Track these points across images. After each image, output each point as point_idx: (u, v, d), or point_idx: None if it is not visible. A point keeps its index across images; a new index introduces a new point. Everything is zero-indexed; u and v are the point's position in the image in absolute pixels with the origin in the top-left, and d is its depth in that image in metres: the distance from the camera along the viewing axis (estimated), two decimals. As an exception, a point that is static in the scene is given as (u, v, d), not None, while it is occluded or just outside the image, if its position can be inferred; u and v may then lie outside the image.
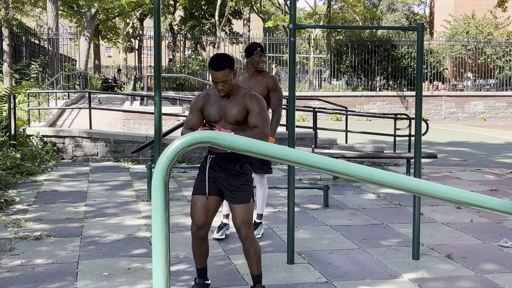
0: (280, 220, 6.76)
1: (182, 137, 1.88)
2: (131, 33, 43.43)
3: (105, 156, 11.59)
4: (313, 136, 12.37)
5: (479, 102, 27.87)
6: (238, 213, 4.12)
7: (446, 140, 17.22)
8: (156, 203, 1.86)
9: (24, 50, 23.51)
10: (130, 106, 15.62)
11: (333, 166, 2.02)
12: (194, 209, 4.20)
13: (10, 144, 10.18)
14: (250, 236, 4.08)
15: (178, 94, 23.67)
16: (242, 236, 4.08)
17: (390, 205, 7.71)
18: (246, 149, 1.95)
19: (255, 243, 4.13)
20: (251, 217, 4.14)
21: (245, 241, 4.09)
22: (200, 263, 4.32)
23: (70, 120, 15.07)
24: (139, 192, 8.38)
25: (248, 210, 4.12)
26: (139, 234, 6.08)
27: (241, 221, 4.08)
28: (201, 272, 4.34)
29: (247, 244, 4.10)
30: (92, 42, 31.11)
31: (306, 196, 8.25)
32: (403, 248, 5.70)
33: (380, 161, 11.53)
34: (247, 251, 4.13)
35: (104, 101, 21.23)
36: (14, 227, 6.28)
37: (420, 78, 5.37)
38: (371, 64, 28.59)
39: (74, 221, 6.62)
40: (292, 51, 5.14)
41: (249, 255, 4.14)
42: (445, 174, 10.42)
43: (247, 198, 4.15)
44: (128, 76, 38.45)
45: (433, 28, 44.49)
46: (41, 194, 8.16)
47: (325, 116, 24.86)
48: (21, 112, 12.77)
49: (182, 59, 28.49)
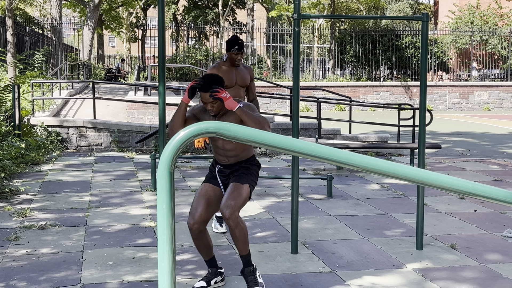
0: (284, 210, 6.78)
1: (187, 128, 1.89)
2: (134, 23, 43.37)
3: (109, 146, 11.61)
4: (317, 127, 12.36)
5: (483, 92, 27.79)
6: (226, 193, 4.14)
7: (450, 130, 17.20)
8: (161, 193, 1.87)
9: (28, 40, 23.51)
10: (134, 96, 15.63)
11: (337, 156, 2.02)
12: (195, 203, 4.23)
13: (15, 134, 10.20)
14: (232, 217, 4.05)
15: (182, 84, 23.66)
16: (225, 217, 4.06)
17: (394, 195, 7.72)
18: (252, 139, 1.95)
19: (240, 225, 4.11)
20: (239, 201, 4.11)
21: (229, 222, 4.07)
22: (207, 255, 4.32)
23: (74, 110, 15.09)
24: (143, 182, 8.41)
25: (238, 192, 4.12)
26: (144, 224, 6.10)
27: (224, 203, 4.09)
28: (210, 262, 4.35)
29: (231, 225, 4.08)
30: (95, 32, 31.07)
31: (309, 186, 8.26)
32: (407, 238, 5.71)
33: (384, 152, 11.53)
34: (232, 232, 4.12)
35: (107, 91, 21.24)
36: (19, 216, 6.31)
37: (425, 68, 5.35)
38: (375, 54, 28.52)
39: (78, 210, 6.65)
40: (296, 41, 5.13)
41: (235, 236, 4.14)
42: (449, 165, 10.42)
43: (241, 180, 4.18)
44: (131, 66, 38.43)
45: (437, 18, 44.30)
46: (45, 184, 8.19)
47: (328, 107, 24.83)
48: (25, 102, 12.79)
49: (186, 49, 28.45)
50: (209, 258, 4.34)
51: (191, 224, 4.17)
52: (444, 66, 29.94)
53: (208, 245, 4.28)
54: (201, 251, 4.29)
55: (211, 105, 4.03)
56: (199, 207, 4.20)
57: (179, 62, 26.32)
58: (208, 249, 4.29)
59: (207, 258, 4.34)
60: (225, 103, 3.97)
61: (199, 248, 4.28)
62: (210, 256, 4.34)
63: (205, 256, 4.33)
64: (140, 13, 44.88)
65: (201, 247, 4.26)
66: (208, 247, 4.29)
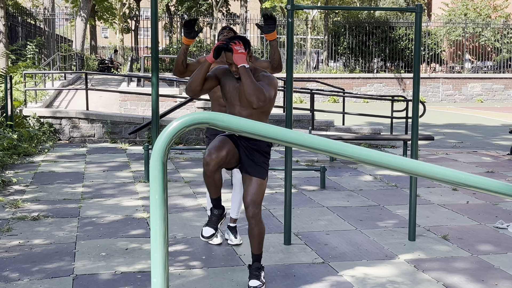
0: (277, 201, 6.78)
1: (180, 118, 1.89)
2: (127, 13, 43.16)
3: (102, 137, 11.58)
4: (310, 118, 12.37)
5: (476, 84, 27.85)
6: (250, 190, 4.11)
7: (443, 122, 17.24)
8: (154, 183, 1.87)
9: (20, 31, 23.36)
10: (127, 87, 15.58)
11: (330, 147, 2.02)
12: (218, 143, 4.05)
13: (7, 125, 10.16)
14: (256, 217, 4.10)
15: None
16: (249, 214, 4.08)
17: (387, 187, 7.74)
18: (245, 130, 1.95)
19: (260, 224, 4.15)
20: (261, 198, 4.14)
21: (251, 220, 4.10)
22: (215, 193, 4.23)
23: (66, 101, 15.03)
24: (136, 173, 8.40)
25: (260, 189, 4.12)
26: (137, 215, 6.10)
27: (250, 200, 4.08)
28: (216, 201, 4.29)
29: (252, 223, 4.11)
30: (88, 23, 30.91)
31: (303, 177, 8.27)
32: (399, 229, 5.73)
33: (377, 143, 11.55)
34: (251, 230, 4.15)
35: (100, 82, 21.16)
36: (11, 207, 6.29)
37: (418, 60, 5.35)
38: (368, 46, 28.50)
39: (71, 202, 6.64)
40: (290, 32, 5.12)
41: (253, 234, 4.17)
42: (442, 156, 10.45)
43: (263, 175, 4.15)
44: (124, 57, 38.27)
45: (431, 10, 44.29)
46: (38, 175, 8.17)
47: (322, 98, 24.83)
48: (18, 92, 12.72)
49: (179, 39, 28.35)
50: (216, 196, 4.28)
51: (207, 160, 3.98)
52: (437, 58, 29.97)
53: (219, 183, 4.17)
54: (210, 189, 4.18)
55: (236, 67, 3.98)
56: (222, 150, 4.00)
57: (172, 53, 26.24)
58: (217, 188, 4.20)
59: (215, 196, 4.26)
60: (234, 55, 3.89)
61: (209, 186, 4.17)
62: (218, 195, 4.28)
63: (213, 194, 4.23)
64: (133, 3, 44.67)
65: (211, 185, 4.14)
66: (218, 186, 4.19)
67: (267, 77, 4.10)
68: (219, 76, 4.16)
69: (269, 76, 4.13)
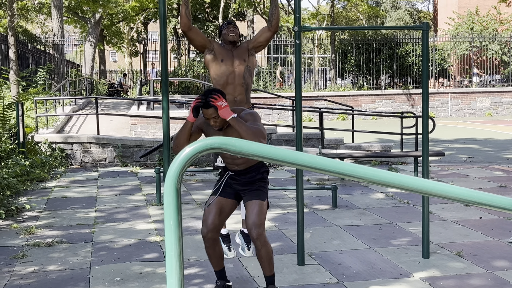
0: (290, 221, 6.78)
1: (192, 144, 1.92)
2: (135, 37, 43.55)
3: (114, 161, 11.64)
4: (320, 137, 12.39)
5: (485, 98, 27.79)
6: (250, 212, 4.14)
7: (453, 137, 17.20)
8: (168, 209, 1.89)
9: (30, 57, 23.62)
10: (137, 110, 15.67)
11: (341, 169, 2.04)
12: (207, 212, 4.24)
13: (19, 151, 10.24)
14: (260, 238, 4.10)
15: (184, 97, 23.73)
16: (253, 236, 4.10)
17: (399, 204, 7.72)
18: (257, 154, 1.98)
19: (267, 245, 4.15)
20: (263, 219, 4.15)
21: (257, 242, 4.11)
22: (217, 265, 4.33)
23: (77, 126, 15.13)
24: (148, 197, 8.43)
25: (261, 210, 4.14)
26: (150, 239, 6.11)
27: (252, 222, 4.10)
28: (220, 274, 4.36)
29: (258, 245, 4.12)
30: (97, 48, 31.22)
31: (314, 196, 8.27)
32: (413, 247, 5.71)
33: (387, 160, 11.53)
34: (258, 252, 4.16)
35: (110, 106, 21.31)
36: (25, 234, 6.33)
37: (427, 77, 5.38)
38: (376, 63, 28.56)
39: (85, 227, 6.67)
40: (298, 53, 5.17)
41: (260, 256, 4.17)
42: (453, 172, 10.42)
43: (262, 196, 4.18)
44: (133, 80, 38.56)
45: (437, 26, 44.41)
46: (51, 200, 8.22)
47: (331, 116, 24.84)
48: (29, 119, 12.84)
49: (187, 62, 28.54)
50: (219, 269, 4.35)
51: (204, 232, 4.19)
52: (445, 73, 29.96)
53: (220, 255, 4.30)
54: (212, 261, 4.29)
55: (214, 120, 3.99)
56: (210, 215, 4.21)
57: (181, 75, 26.40)
58: (219, 259, 4.30)
59: (218, 269, 4.34)
60: (219, 111, 3.91)
61: (210, 257, 4.28)
62: (221, 267, 4.35)
63: (216, 266, 4.33)
64: (141, 27, 45.09)
65: (212, 256, 4.27)
66: (220, 257, 4.30)
67: (249, 114, 4.12)
68: (200, 127, 4.20)
69: (251, 112, 4.15)
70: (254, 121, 4.08)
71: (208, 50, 5.54)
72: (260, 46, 5.61)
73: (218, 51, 5.48)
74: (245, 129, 3.90)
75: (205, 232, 4.20)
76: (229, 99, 5.65)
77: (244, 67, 5.55)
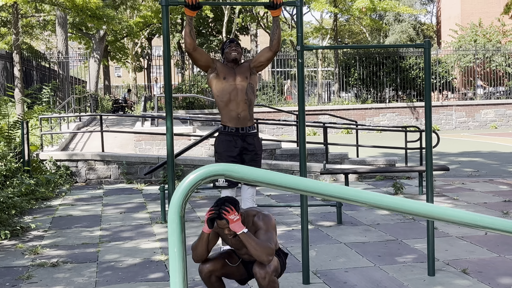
0: (295, 238, 6.78)
1: (195, 171, 1.94)
2: (139, 52, 43.76)
3: (118, 178, 11.67)
4: (324, 151, 12.39)
5: (489, 110, 27.78)
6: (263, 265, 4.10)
7: (458, 151, 17.18)
8: (172, 237, 1.91)
9: (35, 74, 23.76)
10: (141, 127, 15.72)
11: (345, 194, 2.07)
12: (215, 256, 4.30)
13: (24, 170, 10.27)
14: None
15: (188, 112, 23.79)
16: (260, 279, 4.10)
17: (404, 220, 7.71)
18: (260, 180, 2.00)
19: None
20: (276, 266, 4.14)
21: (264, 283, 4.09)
22: None
23: (82, 143, 15.18)
24: (153, 214, 8.43)
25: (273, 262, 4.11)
26: (155, 258, 6.12)
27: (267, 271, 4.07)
28: None
29: None
30: (101, 63, 31.37)
31: (319, 213, 8.26)
32: (418, 264, 5.70)
33: (392, 175, 11.52)
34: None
35: (115, 122, 21.37)
36: (31, 254, 6.34)
37: (429, 94, 5.39)
38: (379, 76, 28.61)
39: (90, 246, 6.67)
40: (300, 71, 5.19)
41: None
42: (458, 186, 10.39)
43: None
44: (138, 95, 38.67)
45: (440, 38, 44.49)
46: (56, 219, 8.23)
47: (335, 130, 24.87)
48: (34, 137, 12.89)
49: (191, 77, 28.64)
50: None
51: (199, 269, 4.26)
52: (449, 85, 29.98)
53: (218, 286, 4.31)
54: None
55: (228, 230, 3.98)
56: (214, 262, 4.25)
57: (185, 90, 26.49)
58: None
59: None
60: (230, 225, 3.90)
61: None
62: None
63: None
64: (145, 42, 45.30)
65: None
66: None
67: (262, 220, 4.13)
68: (216, 231, 4.18)
69: (264, 217, 4.15)
70: (266, 229, 4.07)
71: (211, 69, 5.62)
72: (261, 66, 5.68)
73: (221, 70, 5.55)
74: (253, 246, 3.90)
75: (199, 269, 4.24)
76: (232, 115, 5.69)
77: (246, 84, 5.61)
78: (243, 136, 5.76)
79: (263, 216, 4.15)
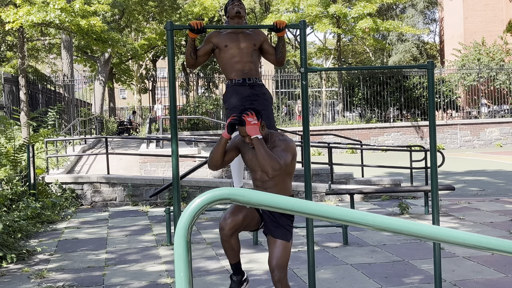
0: (301, 260, 6.75)
1: (201, 196, 1.96)
2: (144, 74, 44.00)
3: (124, 200, 11.67)
4: (329, 172, 12.39)
5: (494, 129, 27.75)
6: (275, 253, 4.09)
7: (463, 169, 17.14)
8: (178, 261, 1.92)
9: (41, 97, 23.89)
10: (146, 149, 15.76)
11: (351, 217, 2.08)
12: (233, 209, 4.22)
13: (30, 193, 10.30)
14: (282, 281, 4.08)
15: (193, 134, 23.85)
16: (275, 279, 4.07)
17: (410, 241, 7.68)
18: (266, 204, 2.01)
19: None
20: (287, 261, 4.12)
21: (277, 285, 4.09)
22: (233, 259, 4.31)
23: (87, 166, 15.22)
24: (158, 237, 8.42)
25: (285, 252, 4.12)
26: (161, 281, 6.10)
27: (276, 264, 4.07)
28: (235, 267, 4.33)
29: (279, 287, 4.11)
30: (106, 85, 31.55)
31: (325, 234, 8.24)
32: (425, 285, 5.67)
33: (397, 195, 11.49)
34: None
35: (120, 144, 21.44)
36: (37, 278, 6.33)
37: (433, 113, 5.40)
38: (383, 96, 28.66)
39: (95, 269, 6.66)
40: (304, 93, 5.20)
41: None
42: (464, 206, 10.36)
43: (288, 237, 4.17)
44: (143, 117, 38.83)
45: (443, 57, 44.61)
46: (62, 242, 8.23)
47: (340, 150, 24.86)
48: (40, 160, 12.93)
49: (196, 98, 28.77)
50: (235, 262, 4.32)
51: (222, 227, 4.19)
52: (453, 104, 30.00)
53: (236, 248, 4.28)
54: (228, 254, 4.29)
55: (249, 138, 4.07)
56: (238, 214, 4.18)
57: (189, 112, 26.58)
58: (236, 252, 4.29)
59: (233, 262, 4.32)
60: (247, 126, 3.99)
61: (226, 251, 4.28)
62: (236, 260, 4.32)
63: (232, 259, 4.31)
64: (150, 64, 45.59)
65: (228, 249, 4.26)
66: (236, 250, 4.29)
67: (283, 141, 4.17)
68: (238, 145, 4.29)
69: (286, 140, 4.19)
70: (283, 149, 4.11)
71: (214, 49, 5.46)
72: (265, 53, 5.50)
73: (221, 40, 5.34)
74: (262, 152, 3.94)
75: (222, 225, 4.19)
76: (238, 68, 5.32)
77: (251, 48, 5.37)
78: (251, 86, 5.41)
79: (286, 139, 4.21)
